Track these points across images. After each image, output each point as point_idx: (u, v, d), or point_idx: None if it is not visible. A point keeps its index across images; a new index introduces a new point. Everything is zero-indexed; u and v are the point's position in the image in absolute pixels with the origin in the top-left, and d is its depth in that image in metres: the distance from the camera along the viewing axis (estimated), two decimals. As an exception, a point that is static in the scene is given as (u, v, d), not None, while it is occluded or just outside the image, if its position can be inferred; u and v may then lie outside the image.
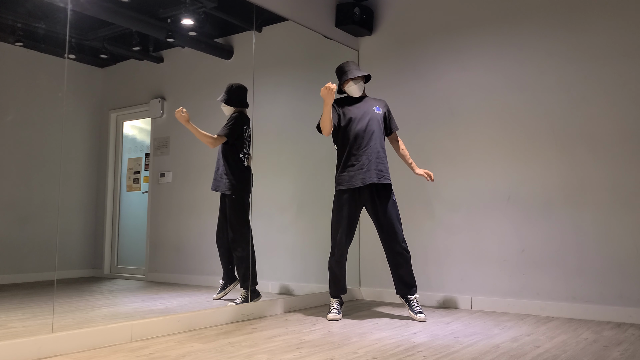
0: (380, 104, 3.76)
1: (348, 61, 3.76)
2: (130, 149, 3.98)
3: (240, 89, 3.82)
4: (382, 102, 3.79)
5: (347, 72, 3.69)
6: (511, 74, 3.99)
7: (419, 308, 3.51)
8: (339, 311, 3.56)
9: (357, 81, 3.68)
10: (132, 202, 3.94)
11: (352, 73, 3.65)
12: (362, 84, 3.71)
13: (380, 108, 3.72)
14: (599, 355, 2.54)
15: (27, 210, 3.37)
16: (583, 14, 3.75)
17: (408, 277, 3.56)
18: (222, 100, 3.78)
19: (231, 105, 3.78)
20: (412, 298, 3.55)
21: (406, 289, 3.56)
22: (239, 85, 3.82)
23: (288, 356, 2.49)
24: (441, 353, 2.58)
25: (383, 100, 4.04)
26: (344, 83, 3.70)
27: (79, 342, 2.57)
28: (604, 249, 3.54)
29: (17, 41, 3.36)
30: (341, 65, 3.75)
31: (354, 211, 3.58)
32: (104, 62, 3.80)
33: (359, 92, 3.70)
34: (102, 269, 3.79)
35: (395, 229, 3.54)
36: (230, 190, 3.70)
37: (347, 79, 3.66)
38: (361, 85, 3.70)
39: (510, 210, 3.91)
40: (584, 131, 3.68)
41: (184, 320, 3.09)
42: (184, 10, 3.80)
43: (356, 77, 3.66)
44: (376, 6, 4.72)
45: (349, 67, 3.71)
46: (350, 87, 3.68)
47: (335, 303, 3.60)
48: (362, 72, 3.68)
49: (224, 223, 3.73)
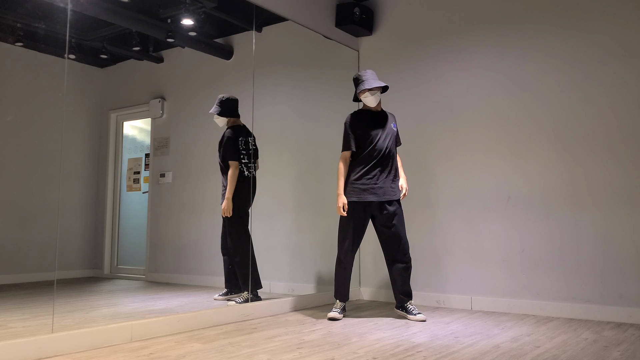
0: (393, 119, 3.71)
1: (367, 70, 3.61)
2: (130, 149, 3.98)
3: (231, 100, 3.82)
4: (393, 117, 3.74)
5: (364, 81, 3.55)
6: (511, 74, 3.99)
7: (417, 310, 3.54)
8: (341, 312, 3.57)
9: (374, 92, 3.55)
10: (132, 202, 3.93)
11: (369, 83, 3.52)
12: (379, 95, 3.59)
13: (395, 124, 3.70)
14: (599, 356, 2.54)
15: (27, 210, 3.37)
16: (583, 14, 3.75)
17: (408, 288, 3.59)
18: (215, 112, 3.79)
19: (224, 116, 3.79)
20: (408, 304, 3.57)
21: (407, 299, 3.59)
22: (229, 97, 3.83)
23: (288, 356, 2.49)
24: (441, 353, 2.58)
25: (393, 114, 4.07)
26: (360, 93, 3.58)
27: (79, 342, 2.57)
28: (604, 249, 3.54)
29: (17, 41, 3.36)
30: (359, 74, 3.61)
31: (363, 222, 3.58)
32: (104, 62, 3.80)
33: (375, 102, 3.58)
34: (102, 269, 3.79)
35: (401, 242, 3.56)
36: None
37: (363, 89, 3.54)
38: (378, 95, 3.57)
39: (510, 210, 3.90)
40: (584, 131, 3.68)
41: (184, 321, 3.09)
42: (184, 10, 3.80)
43: (373, 87, 3.53)
44: (376, 6, 4.72)
45: (366, 76, 3.56)
46: (366, 97, 3.57)
47: (340, 304, 3.63)
48: (379, 82, 3.54)
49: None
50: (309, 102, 4.32)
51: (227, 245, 3.73)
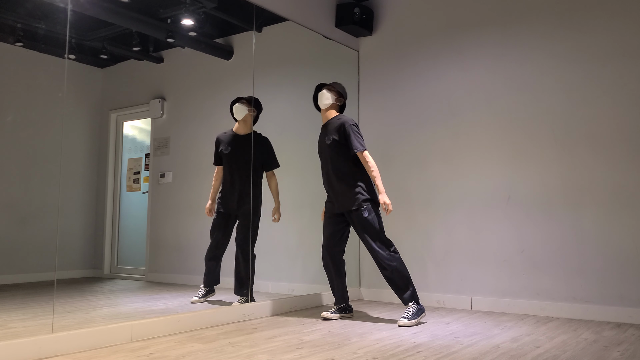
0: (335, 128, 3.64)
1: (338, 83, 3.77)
2: (130, 149, 3.98)
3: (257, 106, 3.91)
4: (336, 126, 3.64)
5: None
6: (511, 74, 3.99)
7: (405, 314, 3.35)
8: (335, 312, 3.54)
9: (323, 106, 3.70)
10: (132, 202, 3.93)
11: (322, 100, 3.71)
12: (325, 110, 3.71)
13: (337, 133, 3.61)
14: (599, 356, 2.54)
15: (27, 210, 3.37)
16: (583, 14, 3.75)
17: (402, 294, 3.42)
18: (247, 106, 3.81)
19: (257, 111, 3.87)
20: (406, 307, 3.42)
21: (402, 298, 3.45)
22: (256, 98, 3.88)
23: (288, 356, 2.49)
24: (441, 353, 2.58)
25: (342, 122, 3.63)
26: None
27: (79, 342, 2.57)
28: (604, 249, 3.54)
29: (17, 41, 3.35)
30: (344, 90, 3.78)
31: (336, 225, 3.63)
32: (104, 62, 3.80)
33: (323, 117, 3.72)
34: (102, 269, 3.79)
35: (373, 251, 3.44)
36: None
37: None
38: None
39: (510, 210, 3.90)
40: (584, 131, 3.68)
41: (184, 321, 3.08)
42: (184, 10, 3.80)
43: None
44: (376, 6, 4.72)
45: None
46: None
47: (337, 306, 3.60)
48: (323, 101, 3.66)
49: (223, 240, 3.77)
50: (309, 102, 4.32)
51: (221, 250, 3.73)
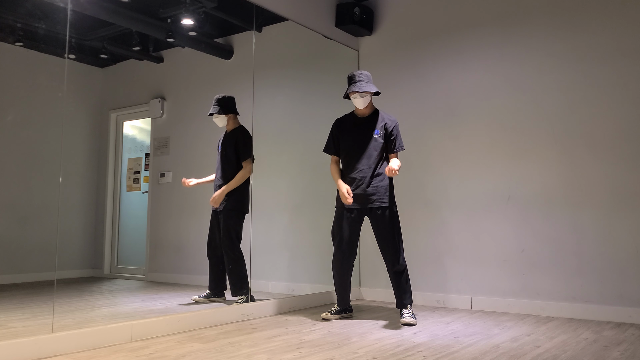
0: (382, 125, 3.49)
1: (362, 72, 3.46)
2: (130, 149, 3.99)
3: (228, 97, 3.77)
4: (385, 122, 3.50)
5: (351, 84, 3.43)
6: (511, 74, 3.99)
7: (407, 313, 3.37)
8: (335, 313, 3.53)
9: (363, 94, 3.42)
10: (132, 202, 3.94)
11: (360, 86, 3.39)
12: (369, 98, 3.46)
13: (380, 131, 3.48)
14: (599, 355, 2.54)
15: (27, 210, 3.37)
16: (583, 14, 3.75)
17: (408, 292, 3.45)
18: (215, 112, 3.70)
19: (226, 114, 3.72)
20: (406, 309, 3.42)
21: (407, 302, 3.44)
22: (224, 95, 3.77)
23: (288, 356, 2.49)
24: (441, 353, 2.58)
25: (392, 118, 3.56)
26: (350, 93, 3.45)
27: (79, 342, 2.57)
28: (604, 249, 3.54)
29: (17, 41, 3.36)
30: (354, 73, 3.46)
31: (354, 226, 3.48)
32: (104, 62, 3.80)
33: (363, 105, 3.45)
34: (102, 269, 3.79)
35: (394, 248, 3.40)
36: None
37: (350, 91, 3.42)
38: (367, 99, 3.45)
39: (510, 210, 3.91)
40: (584, 131, 3.68)
41: (184, 320, 3.09)
42: (184, 10, 3.80)
43: (354, 92, 3.39)
44: (376, 6, 4.72)
45: (356, 79, 3.43)
46: (355, 98, 3.45)
47: (337, 307, 3.58)
48: (364, 88, 3.39)
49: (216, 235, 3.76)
50: (309, 102, 4.32)
51: (216, 246, 3.68)
